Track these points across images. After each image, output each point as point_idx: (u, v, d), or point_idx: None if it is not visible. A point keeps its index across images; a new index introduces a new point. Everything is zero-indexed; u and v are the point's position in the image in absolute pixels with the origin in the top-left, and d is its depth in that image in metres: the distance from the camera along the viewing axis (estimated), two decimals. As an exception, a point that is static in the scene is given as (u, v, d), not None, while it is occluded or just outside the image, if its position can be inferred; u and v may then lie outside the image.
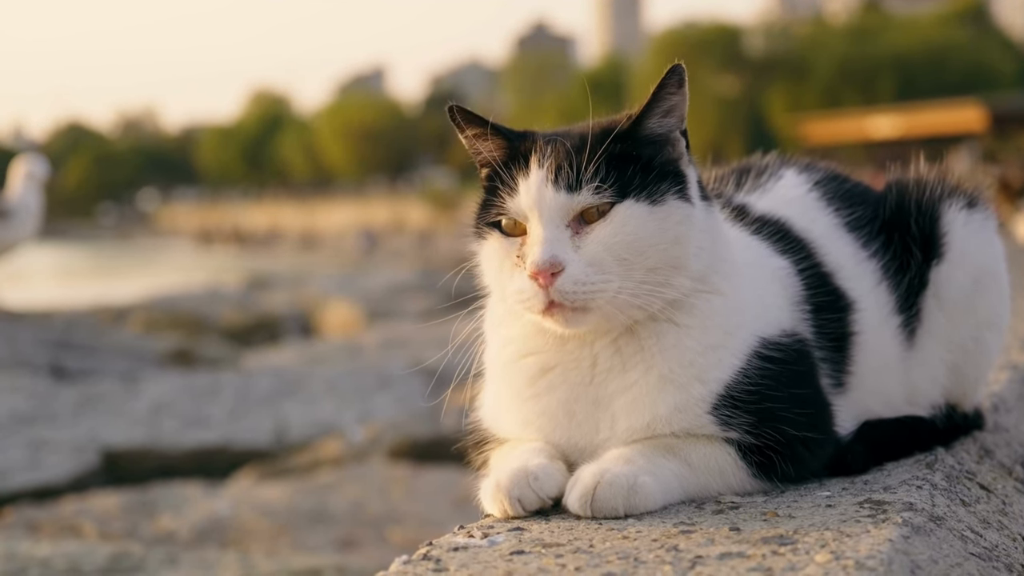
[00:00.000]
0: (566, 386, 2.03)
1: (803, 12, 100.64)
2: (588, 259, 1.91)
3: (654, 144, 1.98)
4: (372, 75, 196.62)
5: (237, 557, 5.70)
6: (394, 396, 9.22)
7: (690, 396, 1.98)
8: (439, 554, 1.80)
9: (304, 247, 58.17)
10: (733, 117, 62.25)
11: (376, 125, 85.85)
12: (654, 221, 1.93)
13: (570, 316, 1.93)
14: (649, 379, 1.98)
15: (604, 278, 1.91)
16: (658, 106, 1.97)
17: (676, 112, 1.99)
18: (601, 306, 1.92)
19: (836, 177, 2.46)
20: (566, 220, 1.93)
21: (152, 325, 15.80)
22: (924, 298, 2.38)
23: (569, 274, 1.90)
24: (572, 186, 1.93)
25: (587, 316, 1.93)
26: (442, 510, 6.74)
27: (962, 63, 59.66)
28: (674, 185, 1.96)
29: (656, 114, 1.98)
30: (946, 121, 40.07)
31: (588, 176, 1.92)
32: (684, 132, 2.02)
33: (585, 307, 1.92)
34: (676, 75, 1.96)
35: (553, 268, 1.89)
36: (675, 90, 1.97)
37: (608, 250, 1.91)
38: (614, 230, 1.92)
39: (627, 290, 1.92)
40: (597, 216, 1.93)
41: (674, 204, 1.95)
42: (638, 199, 1.93)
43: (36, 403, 9.54)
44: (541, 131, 2.10)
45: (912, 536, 1.82)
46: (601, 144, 1.94)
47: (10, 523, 6.65)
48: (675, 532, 1.84)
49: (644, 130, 1.98)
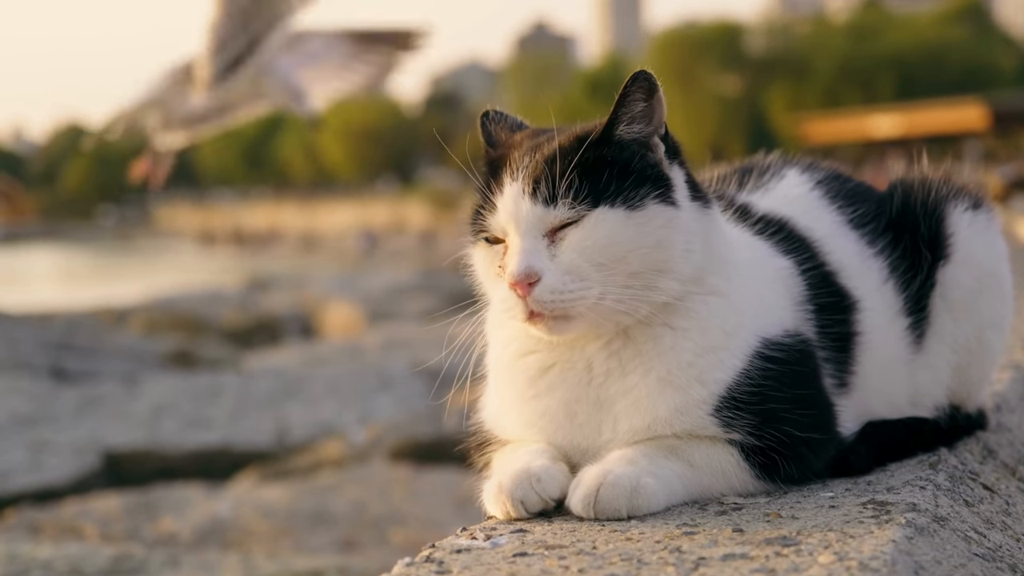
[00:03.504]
0: (566, 386, 2.02)
1: (804, 11, 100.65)
2: (564, 267, 1.91)
3: (629, 149, 1.97)
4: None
5: (239, 559, 5.70)
6: (395, 397, 9.22)
7: (690, 398, 1.97)
8: (442, 556, 1.80)
9: (305, 248, 58.19)
10: (734, 116, 62.23)
11: (376, 126, 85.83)
12: (632, 226, 1.92)
13: (552, 324, 1.93)
14: (648, 382, 1.98)
15: (582, 285, 1.91)
16: (625, 113, 1.97)
17: (648, 118, 1.97)
18: (583, 313, 1.92)
19: (839, 177, 2.46)
20: (543, 231, 1.94)
21: (153, 326, 15.81)
22: (932, 299, 2.38)
23: (545, 283, 1.90)
24: (548, 199, 1.93)
25: (570, 323, 1.94)
26: (444, 511, 6.74)
27: (962, 61, 59.64)
28: (654, 189, 1.95)
29: (623, 121, 1.97)
30: (947, 120, 40.10)
31: (563, 189, 1.92)
32: (665, 136, 2.00)
33: (565, 315, 1.92)
34: (639, 82, 1.96)
35: (529, 278, 1.90)
36: (642, 96, 1.96)
37: (582, 256, 1.91)
38: (586, 235, 1.92)
39: (610, 296, 1.92)
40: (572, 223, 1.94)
41: (654, 208, 1.94)
42: (613, 205, 1.92)
43: (37, 405, 9.55)
44: (530, 128, 2.11)
45: (916, 537, 1.81)
46: (575, 153, 1.94)
47: (11, 525, 6.66)
48: (678, 533, 1.83)
49: (615, 137, 1.97)
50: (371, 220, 61.65)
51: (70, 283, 36.15)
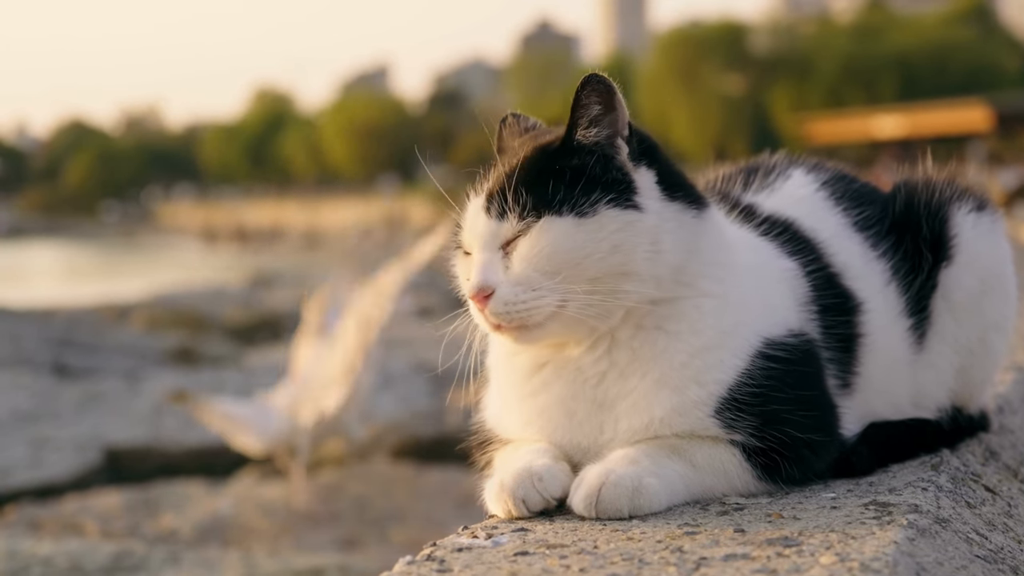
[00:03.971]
0: (560, 383, 2.03)
1: (808, 10, 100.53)
2: (514, 279, 1.94)
3: (587, 155, 1.96)
4: (376, 73, 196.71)
5: (239, 556, 5.71)
6: (397, 396, 9.22)
7: (687, 399, 1.97)
8: (443, 555, 1.80)
9: (307, 245, 58.18)
10: (737, 116, 62.20)
11: (380, 123, 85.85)
12: (583, 232, 1.92)
13: (516, 334, 1.96)
14: (646, 383, 1.98)
15: (534, 295, 1.92)
16: (581, 118, 1.97)
17: (606, 121, 1.97)
18: (542, 323, 1.94)
19: (844, 177, 2.46)
20: (498, 245, 1.96)
21: (155, 323, 15.79)
22: (934, 300, 2.37)
23: (498, 296, 1.93)
24: (500, 214, 1.96)
25: (533, 333, 1.96)
26: (445, 510, 6.74)
27: (966, 62, 59.57)
28: (610, 194, 1.94)
29: (580, 126, 1.97)
30: (951, 121, 40.04)
31: (511, 203, 1.95)
32: (629, 137, 1.99)
33: (523, 325, 1.94)
34: (591, 86, 1.95)
35: (483, 292, 1.93)
36: (598, 99, 1.96)
37: (530, 266, 1.93)
38: (531, 245, 1.93)
39: (573, 303, 1.93)
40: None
41: (609, 213, 1.93)
42: (561, 214, 1.93)
43: (39, 401, 9.56)
44: (534, 132, 2.12)
45: (917, 538, 1.81)
46: (531, 164, 1.97)
47: (12, 521, 6.66)
48: (679, 533, 1.83)
49: (574, 143, 1.97)
50: (372, 217, 61.63)
51: (72, 279, 36.16)
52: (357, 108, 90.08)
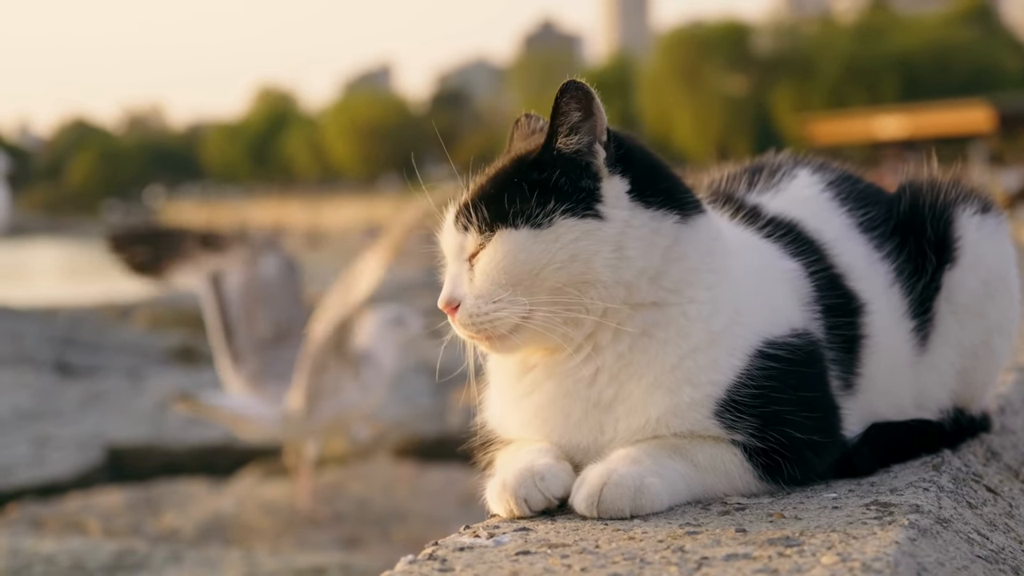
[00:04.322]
0: (552, 383, 2.03)
1: (810, 11, 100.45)
2: (476, 291, 1.97)
3: (566, 163, 1.97)
4: (379, 73, 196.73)
5: (241, 555, 5.71)
6: (399, 395, 9.22)
7: (681, 400, 1.97)
8: (445, 554, 1.80)
9: (310, 244, 58.18)
10: (740, 116, 62.16)
11: (383, 123, 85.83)
12: (540, 244, 1.94)
13: (488, 344, 2.00)
14: (641, 386, 1.99)
15: (495, 306, 1.95)
16: (561, 126, 1.97)
17: (586, 128, 1.97)
18: (506, 335, 1.97)
19: (850, 177, 2.45)
20: (465, 257, 1.99)
21: (157, 322, 15.79)
22: (937, 302, 2.37)
23: (463, 308, 1.97)
24: (465, 227, 1.99)
25: (505, 342, 1.98)
26: (447, 509, 6.74)
27: (968, 63, 59.51)
28: (567, 203, 1.95)
29: (561, 134, 1.97)
30: (954, 121, 39.96)
31: (473, 216, 1.98)
32: (607, 143, 1.98)
33: (490, 336, 1.97)
34: (570, 92, 1.96)
35: (450, 304, 1.98)
36: (577, 106, 1.96)
37: (488, 278, 1.96)
38: (488, 258, 1.96)
39: (539, 313, 1.95)
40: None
41: (565, 223, 1.94)
42: (516, 226, 1.95)
43: (41, 400, 9.56)
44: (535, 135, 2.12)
45: (918, 538, 1.81)
46: (498, 177, 2.00)
47: (15, 519, 6.66)
48: (681, 533, 1.83)
49: (555, 152, 1.97)
50: (376, 217, 61.62)
51: (75, 278, 36.14)
52: (360, 107, 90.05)
